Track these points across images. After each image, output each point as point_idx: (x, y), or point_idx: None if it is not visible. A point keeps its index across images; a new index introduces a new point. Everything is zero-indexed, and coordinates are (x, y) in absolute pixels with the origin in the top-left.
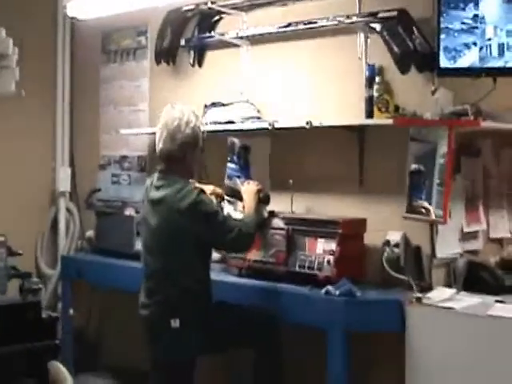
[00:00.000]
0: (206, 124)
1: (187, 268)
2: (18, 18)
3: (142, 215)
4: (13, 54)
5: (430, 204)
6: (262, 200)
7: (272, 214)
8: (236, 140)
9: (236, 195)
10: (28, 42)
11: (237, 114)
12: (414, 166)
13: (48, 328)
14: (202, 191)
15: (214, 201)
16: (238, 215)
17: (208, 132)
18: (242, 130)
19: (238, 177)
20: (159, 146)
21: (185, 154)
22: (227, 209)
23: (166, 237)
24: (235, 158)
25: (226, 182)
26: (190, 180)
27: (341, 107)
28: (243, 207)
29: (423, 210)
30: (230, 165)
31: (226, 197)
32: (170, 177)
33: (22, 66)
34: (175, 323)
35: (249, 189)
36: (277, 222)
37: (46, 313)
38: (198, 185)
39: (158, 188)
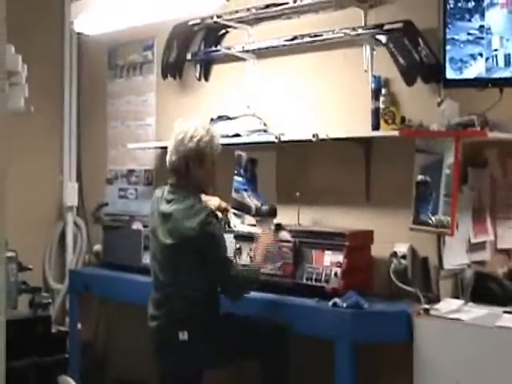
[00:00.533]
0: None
1: (195, 281)
2: (25, 35)
3: (152, 227)
4: (22, 71)
5: (436, 215)
6: (269, 213)
7: (279, 226)
8: (243, 153)
9: (243, 209)
10: (35, 59)
11: (243, 127)
12: (420, 177)
13: (58, 342)
14: (213, 213)
15: (220, 215)
16: (245, 228)
17: None
18: (248, 143)
19: (245, 190)
20: (167, 158)
21: (187, 168)
22: (233, 222)
23: (174, 251)
24: (242, 171)
25: (233, 195)
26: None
27: (347, 119)
28: (254, 255)
29: (430, 222)
30: (236, 178)
31: (232, 210)
32: (181, 191)
33: (29, 82)
34: (183, 336)
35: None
36: (284, 235)
37: (56, 327)
38: (205, 197)
39: (168, 202)
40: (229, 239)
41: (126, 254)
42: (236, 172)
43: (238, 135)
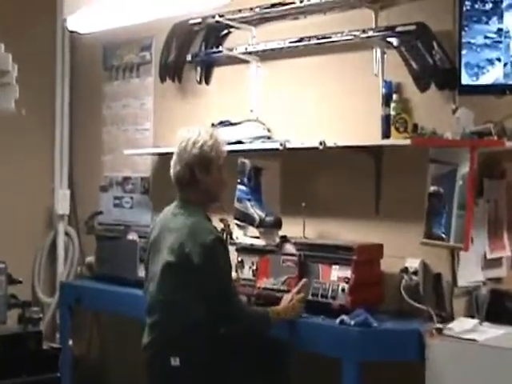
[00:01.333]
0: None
1: (193, 304)
2: (16, 33)
3: (152, 240)
4: (12, 71)
5: (450, 229)
6: (274, 224)
7: (284, 238)
8: (247, 161)
9: (246, 219)
10: (26, 58)
11: (245, 133)
12: (432, 189)
13: (49, 360)
14: (220, 239)
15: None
16: (248, 240)
17: None
18: (251, 151)
19: (249, 200)
20: (171, 170)
21: (193, 176)
22: (236, 233)
23: (174, 270)
24: (245, 179)
25: (236, 204)
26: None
27: (356, 127)
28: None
29: (443, 236)
30: (240, 187)
31: (234, 221)
32: (187, 205)
33: (19, 82)
34: (175, 361)
35: (290, 305)
36: (288, 248)
37: (47, 344)
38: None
39: (174, 215)
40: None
41: (120, 265)
42: (239, 181)
43: (240, 142)
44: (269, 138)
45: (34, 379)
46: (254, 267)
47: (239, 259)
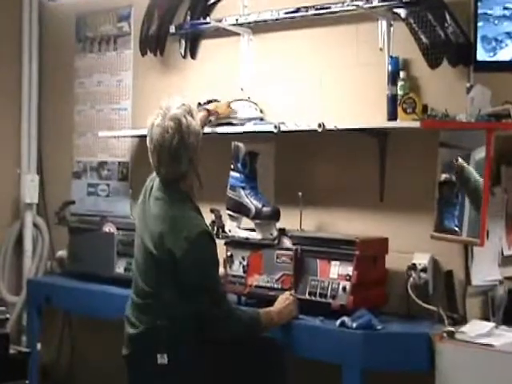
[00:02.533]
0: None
1: (178, 300)
2: None
3: (138, 222)
4: None
5: (463, 221)
6: (271, 216)
7: (282, 232)
8: (241, 145)
9: (240, 210)
10: None
11: (236, 114)
12: (444, 176)
13: (17, 366)
14: (208, 232)
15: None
16: (242, 233)
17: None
18: (241, 133)
19: (243, 188)
20: (160, 170)
21: (180, 170)
22: (229, 225)
23: (156, 263)
24: (240, 165)
25: (229, 193)
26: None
27: (359, 107)
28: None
29: (456, 229)
30: (233, 174)
31: (227, 211)
32: (171, 191)
33: None
34: (162, 359)
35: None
36: (283, 242)
37: (14, 348)
38: None
39: (156, 199)
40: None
41: (95, 261)
42: (232, 167)
43: (229, 123)
44: (261, 119)
45: None
46: (245, 263)
47: (228, 253)
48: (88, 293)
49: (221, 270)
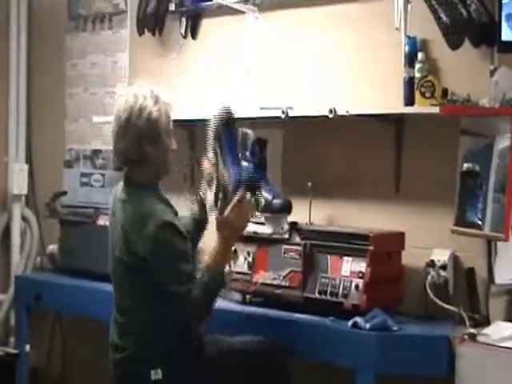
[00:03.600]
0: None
1: (158, 303)
2: None
3: (110, 237)
4: None
5: (486, 215)
6: (282, 208)
7: (294, 225)
8: (250, 132)
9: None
10: None
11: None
12: (466, 166)
13: (4, 368)
14: (167, 222)
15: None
16: (250, 227)
17: (202, 120)
18: (246, 119)
19: None
20: (113, 146)
21: (142, 151)
22: None
23: (127, 269)
24: (248, 154)
25: None
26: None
27: (373, 91)
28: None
29: (479, 223)
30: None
31: None
32: (133, 189)
33: None
34: (156, 375)
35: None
36: (292, 236)
37: (1, 349)
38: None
39: (122, 201)
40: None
41: (88, 256)
42: (240, 155)
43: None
44: (269, 104)
45: None
46: (250, 259)
47: (232, 248)
48: (81, 291)
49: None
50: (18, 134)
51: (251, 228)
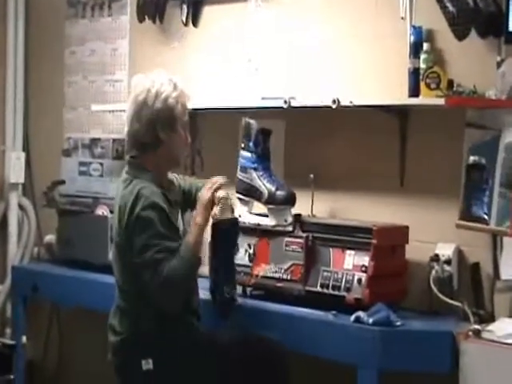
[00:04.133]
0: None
1: (143, 289)
2: None
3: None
4: None
5: (492, 209)
6: (286, 200)
7: (298, 218)
8: (253, 122)
9: (252, 193)
10: None
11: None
12: (472, 159)
13: (1, 359)
14: (159, 205)
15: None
16: (253, 219)
17: (204, 109)
18: (248, 109)
19: (255, 169)
20: (125, 128)
21: (156, 136)
22: (239, 210)
23: (121, 253)
24: (251, 144)
25: (239, 175)
26: (172, 174)
27: (377, 82)
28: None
29: (485, 217)
30: (244, 153)
31: (237, 195)
32: (134, 170)
33: None
34: (147, 364)
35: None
36: (295, 229)
37: None
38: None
39: (122, 182)
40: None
41: (86, 246)
42: (243, 145)
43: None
44: (270, 94)
45: None
46: (251, 251)
47: None
48: (79, 282)
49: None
50: (15, 122)
51: (254, 220)
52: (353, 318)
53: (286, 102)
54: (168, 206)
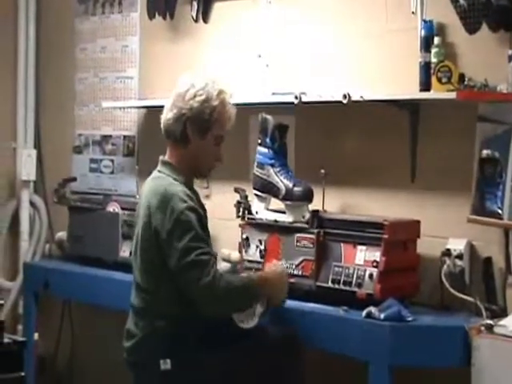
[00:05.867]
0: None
1: (171, 288)
2: None
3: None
4: None
5: (503, 204)
6: (303, 196)
7: (316, 213)
8: (269, 117)
9: (269, 189)
10: None
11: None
12: (485, 152)
13: (12, 356)
14: (195, 209)
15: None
16: (270, 215)
17: None
18: (259, 104)
19: (272, 165)
20: (162, 116)
21: (185, 132)
22: (256, 207)
23: (146, 249)
24: (268, 140)
25: (256, 171)
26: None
27: (388, 77)
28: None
29: (499, 211)
30: (260, 149)
31: (254, 191)
32: (167, 166)
33: None
34: (165, 365)
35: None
36: (312, 225)
37: (8, 337)
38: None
39: (151, 180)
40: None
41: (97, 243)
42: (260, 141)
43: None
44: (281, 89)
45: None
46: (262, 247)
47: (244, 236)
48: (90, 278)
49: (236, 254)
50: (26, 119)
51: (271, 216)
52: (364, 313)
53: (296, 97)
54: (201, 209)
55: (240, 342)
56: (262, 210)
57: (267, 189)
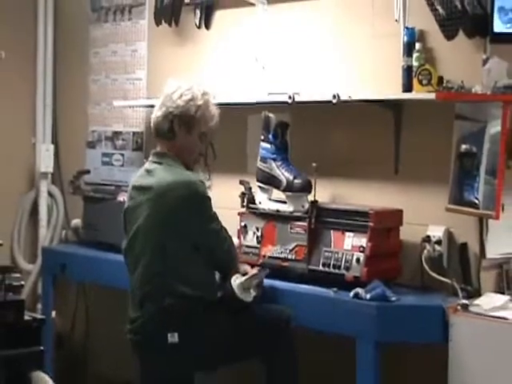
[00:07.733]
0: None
1: (184, 269)
2: None
3: (126, 208)
4: None
5: (479, 194)
6: (303, 188)
7: (315, 204)
8: (272, 115)
9: (271, 182)
10: None
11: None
12: (464, 147)
13: (31, 332)
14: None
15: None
16: (272, 205)
17: (215, 105)
18: (256, 104)
19: (274, 159)
20: (152, 115)
21: (171, 129)
22: (259, 197)
23: (158, 230)
24: (270, 136)
25: (259, 165)
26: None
27: (374, 79)
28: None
29: (476, 202)
30: (263, 145)
31: (257, 183)
32: (167, 159)
33: None
34: (173, 338)
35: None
36: (311, 214)
37: (29, 314)
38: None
39: (149, 172)
40: None
41: (109, 230)
42: (263, 137)
43: None
44: (276, 89)
45: (14, 353)
46: (259, 233)
47: (242, 224)
48: (102, 262)
49: (235, 240)
50: (44, 117)
51: (274, 206)
52: (352, 294)
53: (290, 97)
54: None
55: (241, 317)
56: (265, 201)
57: (269, 181)
